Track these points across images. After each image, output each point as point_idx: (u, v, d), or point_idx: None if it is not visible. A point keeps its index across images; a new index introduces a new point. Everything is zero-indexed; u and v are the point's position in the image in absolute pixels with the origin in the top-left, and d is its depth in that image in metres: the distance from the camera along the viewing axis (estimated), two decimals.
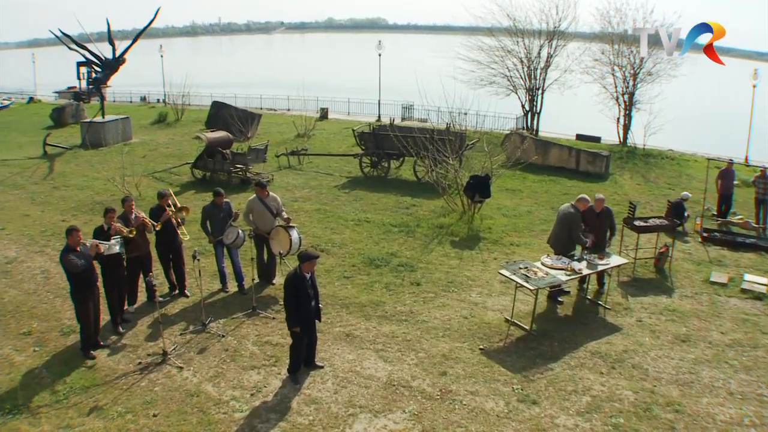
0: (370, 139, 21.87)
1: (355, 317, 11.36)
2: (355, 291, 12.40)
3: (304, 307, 9.07)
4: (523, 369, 9.69)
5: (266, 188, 12.36)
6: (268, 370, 9.63)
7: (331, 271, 13.33)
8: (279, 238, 11.97)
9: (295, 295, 8.95)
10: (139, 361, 9.86)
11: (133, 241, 11.03)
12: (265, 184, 12.45)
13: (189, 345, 10.37)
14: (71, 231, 9.68)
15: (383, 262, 13.77)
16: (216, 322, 11.12)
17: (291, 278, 9.02)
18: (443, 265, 13.80)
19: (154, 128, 32.78)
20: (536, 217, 17.25)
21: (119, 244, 10.59)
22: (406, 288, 12.58)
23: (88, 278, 9.76)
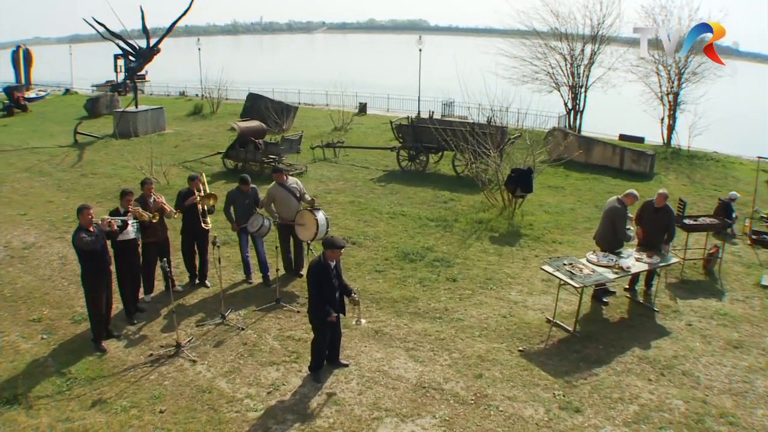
0: (408, 132, 21.06)
1: (385, 313, 10.60)
2: (387, 285, 11.66)
3: (328, 298, 8.32)
4: (566, 373, 8.85)
5: (284, 173, 11.67)
6: (287, 367, 8.90)
7: (363, 265, 12.62)
8: (304, 220, 11.29)
9: (319, 284, 8.20)
10: (151, 352, 9.26)
11: (151, 227, 10.42)
12: (282, 168, 11.80)
13: (205, 337, 9.72)
14: (82, 210, 9.09)
15: (418, 256, 13.02)
16: (236, 313, 10.48)
17: (314, 266, 8.28)
18: (481, 261, 12.97)
19: (189, 120, 32.42)
20: (580, 215, 16.30)
21: (135, 230, 9.98)
22: (441, 284, 11.80)
23: (100, 261, 9.15)
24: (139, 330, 9.98)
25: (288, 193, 11.54)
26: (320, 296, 8.25)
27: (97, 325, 9.35)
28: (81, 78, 53.44)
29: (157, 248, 10.70)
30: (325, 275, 8.19)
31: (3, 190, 18.30)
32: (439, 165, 21.65)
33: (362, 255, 13.15)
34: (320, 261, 8.29)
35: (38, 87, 47.03)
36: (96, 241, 8.96)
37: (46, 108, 37.61)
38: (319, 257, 8.37)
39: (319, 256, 8.40)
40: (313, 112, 35.03)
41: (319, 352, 8.62)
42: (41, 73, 52.07)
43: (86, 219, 9.04)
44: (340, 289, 8.52)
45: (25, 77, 46.70)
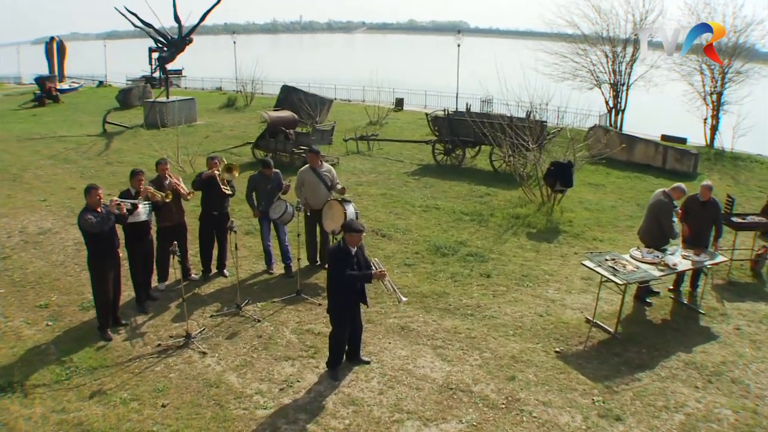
0: (444, 125, 20.31)
1: (413, 308, 9.91)
2: (416, 280, 10.99)
3: (352, 289, 7.69)
4: (606, 378, 8.05)
5: (320, 155, 11.03)
6: (304, 362, 8.25)
7: (392, 258, 11.96)
8: (332, 212, 10.66)
9: (339, 270, 7.54)
10: (159, 342, 8.70)
11: (166, 209, 9.90)
12: (318, 150, 11.14)
13: (218, 328, 9.14)
14: (90, 189, 8.58)
15: (450, 250, 12.34)
16: (253, 305, 9.89)
17: (334, 251, 7.65)
18: (517, 257, 12.20)
19: (222, 112, 32.09)
20: (621, 213, 15.42)
21: (147, 211, 9.45)
22: (474, 279, 11.08)
23: (107, 244, 8.63)
24: (149, 319, 9.44)
25: (318, 180, 10.93)
26: (340, 284, 7.59)
27: (103, 312, 8.83)
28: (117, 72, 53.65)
29: (172, 233, 10.15)
30: (345, 261, 7.53)
31: (25, 176, 18.06)
32: (475, 160, 20.89)
33: (392, 248, 12.52)
34: (340, 246, 7.65)
35: (71, 79, 47.23)
36: (102, 223, 8.44)
37: (79, 99, 37.65)
38: (339, 242, 7.74)
39: (339, 242, 7.77)
40: (348, 107, 34.55)
41: (338, 347, 7.95)
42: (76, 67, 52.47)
43: (94, 199, 8.54)
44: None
45: (59, 69, 46.80)
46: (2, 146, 22.32)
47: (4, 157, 20.42)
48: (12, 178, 17.42)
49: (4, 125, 27.37)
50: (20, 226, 13.52)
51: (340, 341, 7.93)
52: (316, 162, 10.97)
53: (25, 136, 24.58)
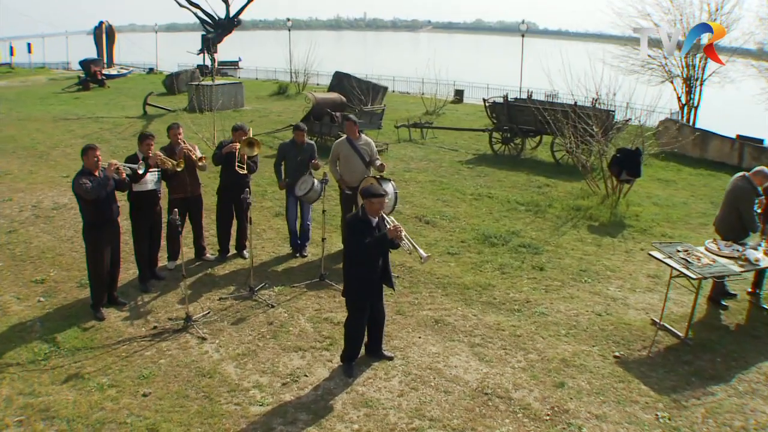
0: (503, 111, 18.97)
1: (452, 300, 8.77)
2: (459, 270, 9.85)
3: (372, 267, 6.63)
4: (673, 390, 6.74)
5: (357, 125, 9.96)
6: (315, 355, 7.17)
7: (434, 245, 10.89)
8: None
9: (357, 242, 6.48)
10: (155, 324, 7.80)
11: (178, 179, 9.03)
12: (353, 119, 10.06)
13: (225, 313, 8.19)
14: (87, 150, 7.77)
15: (501, 240, 11.17)
16: (270, 289, 8.91)
17: (352, 222, 6.62)
18: (576, 250, 10.89)
19: (272, 99, 31.28)
20: (694, 210, 13.88)
21: (155, 180, 8.58)
22: (525, 272, 9.87)
23: (104, 212, 7.78)
24: (151, 299, 8.54)
25: (355, 153, 9.84)
26: (358, 259, 6.56)
27: (97, 289, 7.95)
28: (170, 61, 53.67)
29: (185, 206, 9.30)
30: (364, 233, 6.46)
31: (53, 154, 17.52)
32: (536, 151, 19.49)
33: (435, 235, 11.42)
34: (358, 216, 6.59)
35: (120, 65, 47.11)
36: (99, 188, 7.57)
37: (126, 85, 37.11)
38: (357, 211, 6.70)
39: (357, 210, 6.72)
40: (405, 98, 33.54)
41: (355, 337, 6.84)
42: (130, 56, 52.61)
43: (91, 161, 7.71)
44: (384, 256, 6.71)
45: (107, 54, 46.56)
46: (36, 125, 21.93)
47: (35, 135, 19.99)
48: (39, 155, 16.93)
49: (44, 107, 27.13)
50: (35, 200, 12.91)
51: (358, 330, 6.81)
52: (353, 132, 9.91)
53: (61, 116, 24.18)
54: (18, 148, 17.82)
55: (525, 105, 18.58)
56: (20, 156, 16.92)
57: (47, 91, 33.49)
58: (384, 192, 6.71)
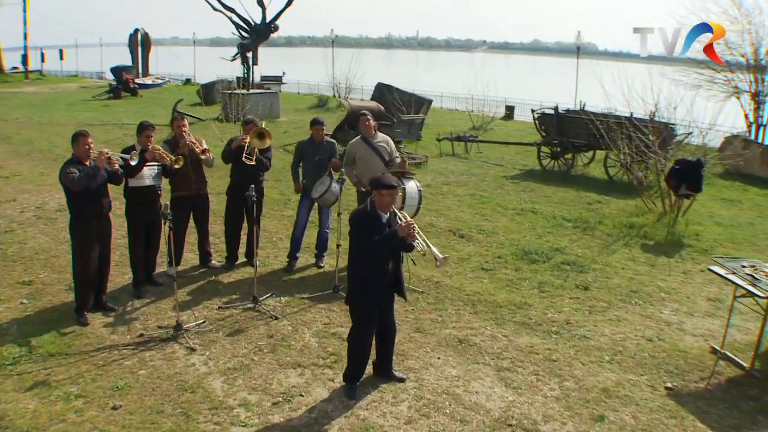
0: (553, 124, 18.11)
1: (480, 319, 8.01)
2: (493, 287, 9.11)
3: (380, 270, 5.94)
4: (735, 429, 5.88)
5: (371, 120, 9.34)
6: (316, 373, 6.47)
7: (467, 260, 10.18)
8: None
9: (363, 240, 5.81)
10: (142, 332, 7.24)
11: (182, 175, 8.49)
12: (366, 114, 9.47)
13: (222, 323, 7.58)
14: (77, 137, 7.35)
15: (542, 256, 10.39)
16: (277, 299, 8.28)
17: (357, 217, 5.93)
18: (627, 269, 10.01)
19: (311, 111, 30.77)
20: (761, 231, 12.85)
21: (155, 175, 8.09)
22: (567, 291, 9.07)
23: (94, 205, 7.29)
24: (144, 305, 7.99)
25: (372, 152, 9.22)
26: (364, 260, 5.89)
27: (82, 290, 7.42)
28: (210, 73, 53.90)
29: (189, 205, 8.77)
30: (371, 230, 5.78)
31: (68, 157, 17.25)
32: (588, 167, 18.53)
33: (469, 250, 10.72)
34: (365, 210, 5.92)
35: (156, 75, 47.09)
36: (87, 178, 7.09)
37: (160, 95, 36.91)
38: (365, 205, 6.01)
39: (364, 204, 6.03)
40: (452, 114, 32.90)
41: (359, 352, 6.10)
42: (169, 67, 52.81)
43: (82, 149, 7.26)
44: (395, 259, 6.01)
45: (143, 62, 46.44)
46: (57, 130, 21.78)
47: (54, 139, 19.82)
48: (54, 158, 16.66)
49: (70, 113, 27.15)
50: (40, 202, 12.64)
51: (363, 344, 6.08)
52: (369, 130, 9.30)
53: (86, 122, 23.97)
54: (34, 151, 17.72)
55: (577, 116, 17.71)
56: (34, 158, 16.78)
57: (76, 98, 33.79)
58: (396, 183, 6.00)
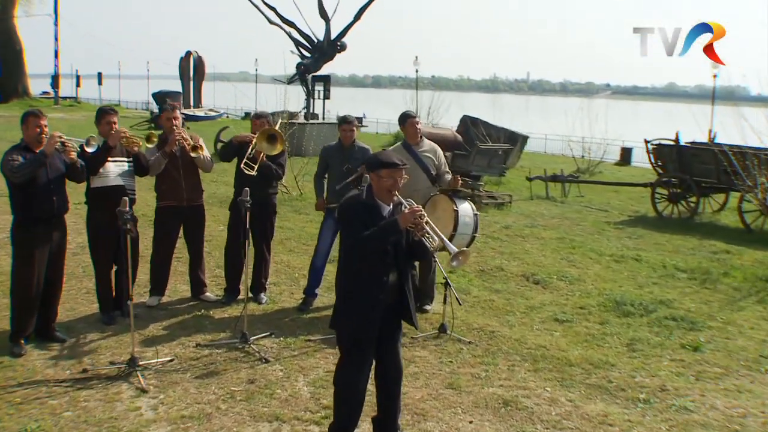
0: (672, 157, 17.06)
1: (540, 378, 7.18)
2: (566, 341, 8.32)
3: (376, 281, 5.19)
4: None
5: (420, 124, 8.71)
6: (296, 429, 5.74)
7: (537, 310, 9.47)
8: (437, 213, 8.34)
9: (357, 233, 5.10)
10: (85, 368, 6.73)
11: (169, 181, 8.21)
12: (413, 114, 8.89)
13: (195, 362, 7.05)
14: (28, 117, 6.96)
15: (640, 309, 9.55)
16: (277, 339, 7.74)
17: (349, 204, 5.32)
18: (758, 330, 9.02)
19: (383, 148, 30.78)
20: None
21: (125, 172, 7.72)
22: (668, 351, 8.16)
23: (41, 202, 6.88)
24: (104, 337, 7.54)
25: (414, 163, 8.52)
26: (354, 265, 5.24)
27: (20, 312, 6.99)
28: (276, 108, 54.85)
29: (178, 219, 8.37)
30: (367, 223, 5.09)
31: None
32: (719, 214, 17.31)
33: (543, 298, 10.03)
34: (359, 197, 5.33)
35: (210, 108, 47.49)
36: (31, 166, 6.66)
37: (212, 128, 37.20)
38: (359, 192, 5.40)
39: (362, 190, 5.39)
40: (554, 158, 32.17)
41: (349, 398, 5.31)
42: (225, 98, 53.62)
43: (32, 132, 6.89)
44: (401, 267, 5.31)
45: (195, 91, 46.69)
46: None
47: None
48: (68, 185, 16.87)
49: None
50: None
51: (352, 386, 5.29)
52: (413, 135, 8.67)
53: None
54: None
55: (704, 148, 16.61)
56: None
57: None
58: (403, 162, 5.25)
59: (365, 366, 5.25)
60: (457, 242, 8.20)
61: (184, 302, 8.80)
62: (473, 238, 8.46)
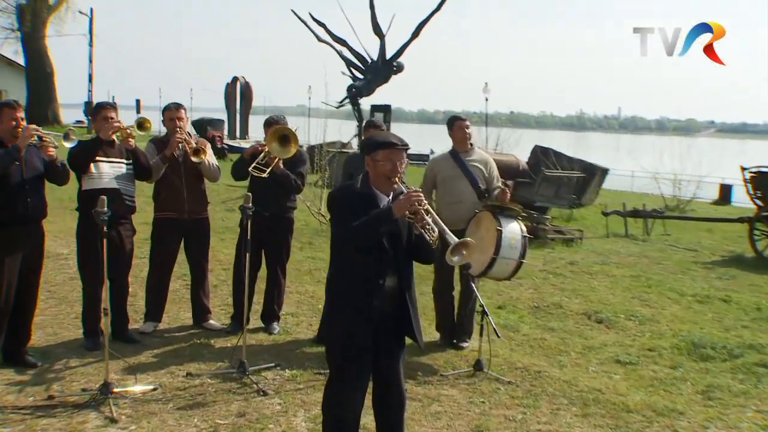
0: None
1: (589, 424, 6.86)
2: (626, 385, 7.99)
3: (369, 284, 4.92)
4: None
5: (466, 124, 8.55)
6: None
7: (596, 350, 9.17)
8: (481, 232, 8.05)
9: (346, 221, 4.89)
10: (51, 394, 6.63)
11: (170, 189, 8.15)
12: (463, 117, 8.68)
13: (181, 392, 6.91)
14: (2, 108, 6.92)
15: (722, 353, 9.20)
16: (281, 371, 7.56)
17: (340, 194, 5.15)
18: None
19: None
20: None
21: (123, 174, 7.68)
22: (753, 400, 7.80)
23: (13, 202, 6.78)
24: (84, 364, 7.44)
25: (460, 173, 8.43)
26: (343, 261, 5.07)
27: None
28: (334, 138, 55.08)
29: (178, 232, 8.26)
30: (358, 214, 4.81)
31: None
32: None
33: (604, 338, 9.71)
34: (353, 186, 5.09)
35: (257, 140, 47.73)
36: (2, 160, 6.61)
37: None
38: (354, 181, 5.16)
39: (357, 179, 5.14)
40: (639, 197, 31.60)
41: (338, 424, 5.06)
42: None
43: (7, 126, 6.84)
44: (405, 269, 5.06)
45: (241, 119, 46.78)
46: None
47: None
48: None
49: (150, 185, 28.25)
50: None
51: (342, 407, 5.04)
52: (463, 141, 8.53)
53: None
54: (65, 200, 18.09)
55: None
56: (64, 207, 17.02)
57: None
58: (399, 141, 4.94)
59: (358, 386, 4.96)
60: (499, 268, 7.96)
61: (184, 330, 8.69)
62: (520, 264, 8.08)
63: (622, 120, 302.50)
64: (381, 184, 4.90)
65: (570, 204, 18.28)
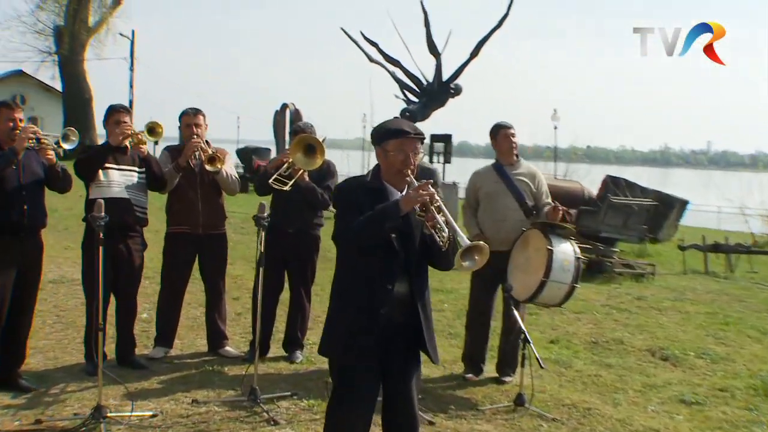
0: None
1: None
2: (689, 426, 7.74)
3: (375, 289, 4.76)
4: None
5: (512, 133, 8.32)
6: None
7: (658, 389, 8.92)
8: (528, 252, 7.93)
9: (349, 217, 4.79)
10: (39, 418, 6.56)
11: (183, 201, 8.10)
12: (508, 125, 8.41)
13: (183, 420, 6.84)
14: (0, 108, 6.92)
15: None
16: (298, 400, 7.41)
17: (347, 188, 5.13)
18: None
19: None
20: None
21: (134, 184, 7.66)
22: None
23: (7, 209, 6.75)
24: (82, 389, 7.40)
25: (505, 188, 8.20)
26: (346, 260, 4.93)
27: None
28: None
29: (192, 248, 8.19)
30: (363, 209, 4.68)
31: None
32: None
33: (668, 376, 9.48)
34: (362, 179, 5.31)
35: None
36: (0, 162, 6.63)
37: None
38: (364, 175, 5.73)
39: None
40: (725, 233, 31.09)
41: None
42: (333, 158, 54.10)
43: (4, 127, 6.85)
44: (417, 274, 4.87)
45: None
46: None
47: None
48: None
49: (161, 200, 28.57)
50: None
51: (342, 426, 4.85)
52: (509, 154, 8.31)
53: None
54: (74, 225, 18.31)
55: None
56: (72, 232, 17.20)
57: None
58: (412, 128, 4.76)
59: (362, 405, 4.76)
60: (549, 293, 7.74)
61: (197, 356, 8.59)
62: (572, 289, 7.79)
63: (711, 155, 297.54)
64: (393, 177, 4.76)
65: (640, 236, 17.91)
